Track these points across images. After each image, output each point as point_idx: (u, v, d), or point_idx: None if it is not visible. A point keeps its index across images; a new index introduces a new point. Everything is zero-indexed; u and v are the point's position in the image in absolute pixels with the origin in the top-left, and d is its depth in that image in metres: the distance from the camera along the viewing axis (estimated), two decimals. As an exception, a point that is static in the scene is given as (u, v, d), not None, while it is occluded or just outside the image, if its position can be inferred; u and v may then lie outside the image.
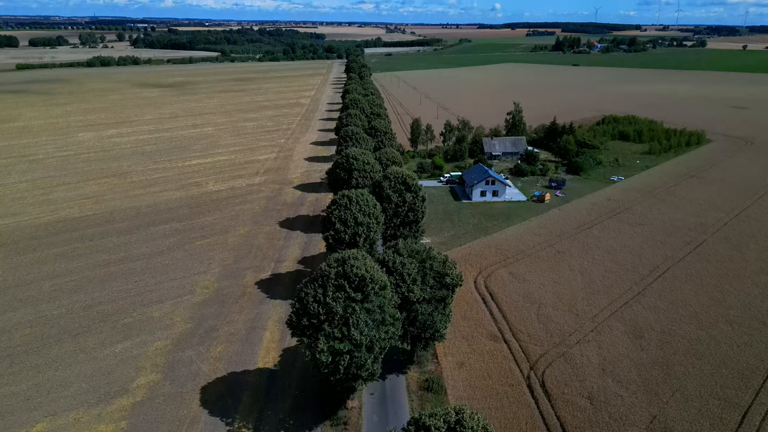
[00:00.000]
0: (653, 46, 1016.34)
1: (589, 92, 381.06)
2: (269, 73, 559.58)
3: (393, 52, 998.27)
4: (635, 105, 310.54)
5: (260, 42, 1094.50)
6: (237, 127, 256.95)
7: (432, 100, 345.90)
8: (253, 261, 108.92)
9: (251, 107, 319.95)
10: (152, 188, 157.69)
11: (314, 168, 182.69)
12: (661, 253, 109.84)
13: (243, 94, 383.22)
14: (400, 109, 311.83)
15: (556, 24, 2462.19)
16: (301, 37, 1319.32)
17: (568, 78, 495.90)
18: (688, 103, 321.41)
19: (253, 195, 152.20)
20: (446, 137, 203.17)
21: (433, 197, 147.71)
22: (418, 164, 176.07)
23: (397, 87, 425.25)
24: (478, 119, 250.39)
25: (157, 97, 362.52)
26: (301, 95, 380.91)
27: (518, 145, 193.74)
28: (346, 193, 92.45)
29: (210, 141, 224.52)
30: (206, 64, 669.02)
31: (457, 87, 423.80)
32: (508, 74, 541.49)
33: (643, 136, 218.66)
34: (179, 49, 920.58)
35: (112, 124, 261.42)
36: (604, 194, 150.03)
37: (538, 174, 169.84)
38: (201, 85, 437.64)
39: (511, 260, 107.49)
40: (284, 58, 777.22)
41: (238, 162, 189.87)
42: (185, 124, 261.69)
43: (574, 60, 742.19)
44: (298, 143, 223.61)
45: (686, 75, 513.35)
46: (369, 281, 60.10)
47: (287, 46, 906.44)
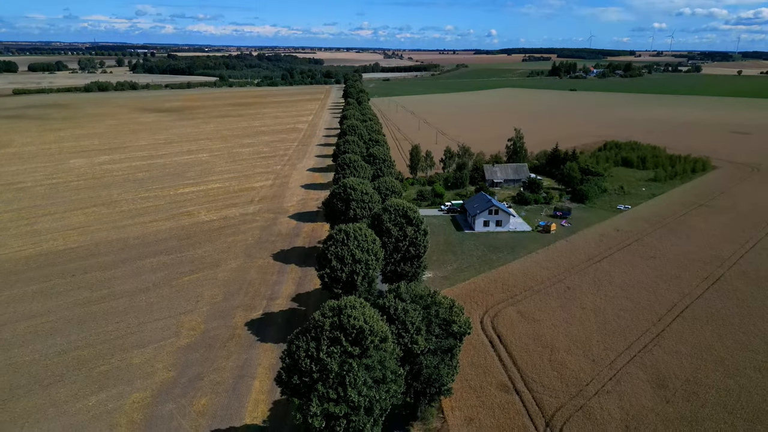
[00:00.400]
0: (649, 71, 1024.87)
1: (588, 117, 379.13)
2: (267, 98, 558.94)
3: (391, 77, 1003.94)
4: (635, 130, 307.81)
5: (259, 67, 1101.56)
6: (233, 153, 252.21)
7: (430, 125, 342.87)
8: (243, 298, 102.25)
9: (248, 132, 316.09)
10: (141, 218, 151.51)
11: (311, 196, 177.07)
12: (678, 290, 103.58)
13: (240, 119, 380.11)
14: (399, 135, 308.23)
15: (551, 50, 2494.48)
16: (299, 62, 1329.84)
17: (567, 103, 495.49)
18: (688, 129, 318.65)
19: (247, 225, 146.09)
20: (446, 164, 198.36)
21: (434, 227, 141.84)
22: (417, 192, 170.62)
23: (395, 112, 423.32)
24: (477, 145, 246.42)
25: (152, 122, 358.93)
26: (299, 120, 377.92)
27: (520, 172, 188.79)
28: (343, 227, 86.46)
29: (204, 167, 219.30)
30: (204, 89, 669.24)
31: (455, 112, 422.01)
32: (506, 99, 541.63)
33: (647, 163, 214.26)
34: (178, 74, 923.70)
35: (106, 150, 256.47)
36: (612, 224, 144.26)
37: (542, 202, 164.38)
38: (198, 110, 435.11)
39: (518, 297, 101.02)
40: (282, 83, 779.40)
41: (232, 190, 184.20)
42: (180, 150, 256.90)
43: (571, 85, 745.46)
44: (295, 170, 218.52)
45: (684, 100, 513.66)
46: (368, 333, 53.65)
47: (285, 72, 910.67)
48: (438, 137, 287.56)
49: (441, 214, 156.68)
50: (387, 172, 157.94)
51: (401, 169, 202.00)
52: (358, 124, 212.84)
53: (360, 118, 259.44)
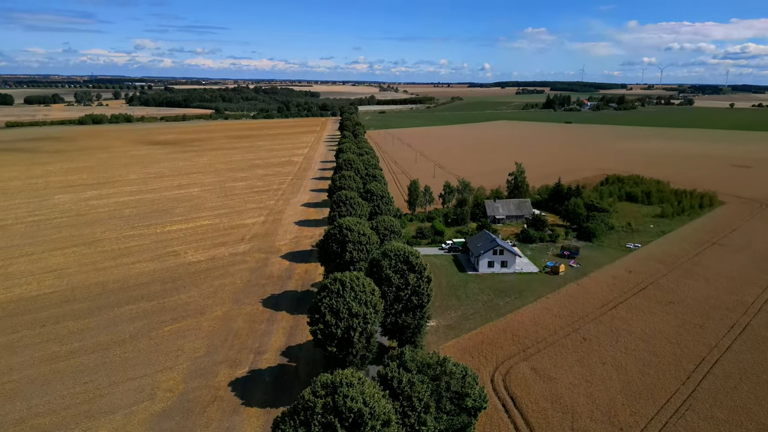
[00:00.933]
0: (642, 104, 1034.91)
1: (587, 150, 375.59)
2: (263, 130, 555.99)
3: (386, 109, 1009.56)
4: (636, 163, 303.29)
5: (255, 100, 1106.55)
6: (225, 187, 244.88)
7: (428, 158, 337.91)
8: (228, 352, 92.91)
9: (242, 166, 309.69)
10: (124, 259, 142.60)
11: (305, 233, 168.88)
12: (703, 341, 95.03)
13: (234, 152, 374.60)
14: (396, 168, 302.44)
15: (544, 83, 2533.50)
16: (296, 95, 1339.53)
17: (564, 136, 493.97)
18: (689, 162, 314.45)
19: (236, 266, 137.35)
20: (445, 199, 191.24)
21: (436, 267, 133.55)
22: (417, 229, 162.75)
23: (391, 144, 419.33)
24: (476, 179, 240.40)
25: (145, 155, 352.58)
26: (294, 153, 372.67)
27: (523, 208, 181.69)
28: (339, 276, 78.15)
29: (195, 203, 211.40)
30: (199, 122, 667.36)
31: (452, 145, 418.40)
32: (503, 132, 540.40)
33: (652, 198, 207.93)
34: (174, 107, 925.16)
35: (94, 184, 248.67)
36: (624, 265, 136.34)
37: (548, 240, 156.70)
38: (192, 143, 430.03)
39: (531, 350, 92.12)
40: (279, 115, 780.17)
41: (222, 227, 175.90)
42: (170, 185, 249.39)
43: (566, 117, 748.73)
44: (289, 205, 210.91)
45: (680, 133, 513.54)
46: (368, 418, 44.95)
47: (282, 104, 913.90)
48: (436, 171, 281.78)
49: (442, 253, 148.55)
50: (385, 209, 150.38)
51: (399, 205, 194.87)
52: (355, 158, 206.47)
53: (356, 152, 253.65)
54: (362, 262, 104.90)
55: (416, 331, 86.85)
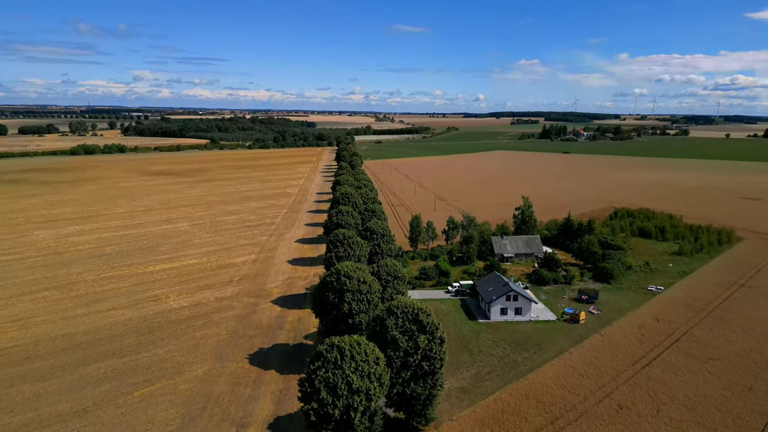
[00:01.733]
0: (638, 134, 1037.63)
1: (589, 181, 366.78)
2: (258, 160, 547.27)
3: (383, 139, 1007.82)
4: (640, 195, 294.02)
5: (252, 129, 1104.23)
6: (216, 221, 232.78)
7: (427, 189, 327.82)
8: (207, 424, 79.43)
9: (234, 198, 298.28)
10: (98, 305, 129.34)
11: (298, 274, 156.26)
12: (758, 408, 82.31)
13: (227, 183, 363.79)
14: (394, 200, 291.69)
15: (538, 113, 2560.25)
16: (292, 125, 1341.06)
17: (564, 166, 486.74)
18: (695, 194, 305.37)
19: (222, 313, 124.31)
20: (449, 235, 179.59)
21: (443, 314, 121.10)
22: (420, 269, 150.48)
23: (389, 175, 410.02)
24: (479, 212, 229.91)
25: (134, 186, 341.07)
26: (289, 184, 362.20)
27: (532, 246, 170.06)
28: (337, 342, 65.71)
29: (182, 239, 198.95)
30: (194, 152, 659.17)
31: (451, 176, 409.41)
32: (502, 162, 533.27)
33: (667, 233, 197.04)
34: (170, 137, 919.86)
35: (77, 219, 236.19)
36: (649, 312, 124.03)
37: (562, 282, 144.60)
38: (184, 174, 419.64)
39: (561, 422, 79.08)
40: (274, 145, 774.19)
41: (210, 267, 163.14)
42: (158, 219, 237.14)
43: (563, 147, 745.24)
44: (282, 241, 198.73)
45: (680, 163, 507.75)
46: None
47: (278, 134, 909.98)
48: (436, 203, 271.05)
49: (448, 296, 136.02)
50: (386, 248, 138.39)
51: (399, 241, 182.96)
52: (353, 192, 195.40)
53: (354, 184, 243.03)
54: (362, 314, 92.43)
55: (427, 402, 73.91)
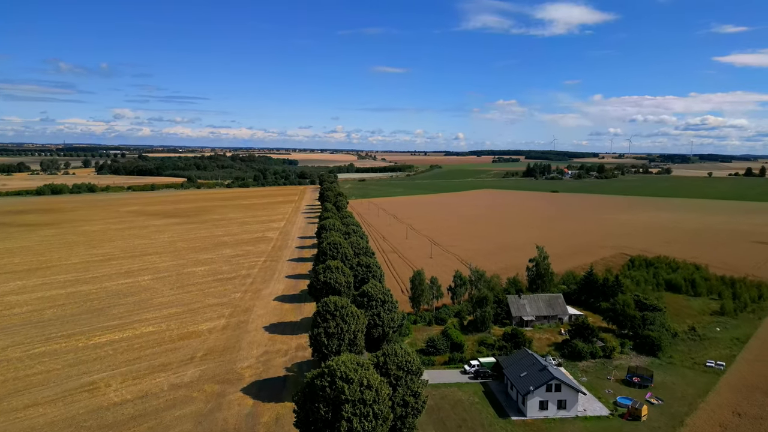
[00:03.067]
0: (621, 172, 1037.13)
1: (589, 223, 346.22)
2: (236, 200, 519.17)
3: (366, 177, 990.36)
4: (647, 239, 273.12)
5: (231, 168, 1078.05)
6: (183, 274, 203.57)
7: (419, 232, 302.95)
8: None
9: (207, 244, 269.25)
10: (15, 399, 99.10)
11: (277, 346, 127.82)
12: None
13: (201, 226, 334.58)
14: (385, 245, 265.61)
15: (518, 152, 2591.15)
16: (273, 162, 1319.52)
17: (557, 206, 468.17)
18: (704, 237, 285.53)
19: (176, 410, 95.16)
20: (456, 293, 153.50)
21: (463, 408, 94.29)
22: (427, 340, 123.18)
23: (376, 216, 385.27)
24: (480, 259, 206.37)
25: (97, 231, 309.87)
26: (269, 227, 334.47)
27: (555, 306, 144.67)
28: None
29: (141, 298, 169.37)
30: (169, 191, 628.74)
31: (442, 216, 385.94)
32: (492, 202, 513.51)
33: (698, 287, 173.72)
34: (146, 175, 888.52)
35: (22, 272, 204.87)
36: (722, 401, 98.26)
37: (600, 355, 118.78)
38: (155, 215, 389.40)
39: None
40: (255, 184, 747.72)
41: (168, 337, 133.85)
42: (117, 271, 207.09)
43: (550, 186, 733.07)
44: (259, 298, 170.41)
45: (674, 203, 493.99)
46: None
47: (258, 172, 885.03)
48: (432, 249, 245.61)
49: (466, 379, 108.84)
50: (387, 319, 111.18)
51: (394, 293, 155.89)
52: (341, 241, 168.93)
53: (341, 230, 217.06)
54: None
55: None
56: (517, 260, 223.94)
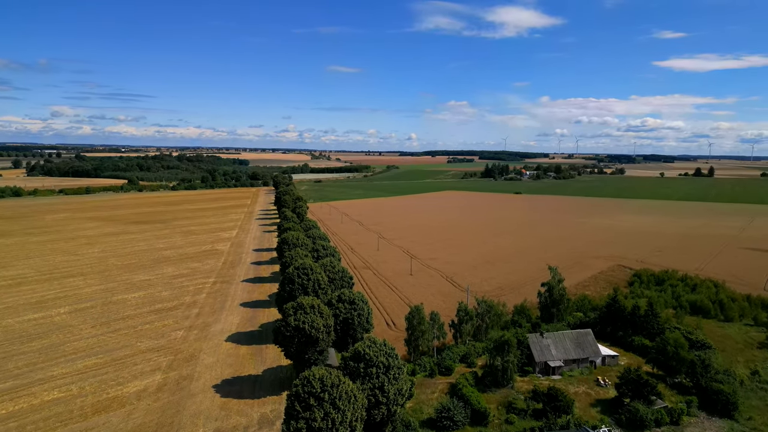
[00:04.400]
0: (578, 173, 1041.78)
1: (569, 228, 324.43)
2: (182, 205, 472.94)
3: (322, 178, 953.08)
4: (638, 247, 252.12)
5: (178, 168, 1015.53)
6: (112, 303, 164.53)
7: (390, 242, 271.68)
8: None
9: (145, 260, 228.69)
10: None
11: (233, 421, 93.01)
12: None
13: (140, 237, 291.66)
14: (355, 259, 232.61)
15: (472, 152, 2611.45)
16: (223, 162, 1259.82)
17: (526, 209, 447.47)
18: (692, 244, 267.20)
19: None
20: (460, 330, 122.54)
21: None
22: (438, 408, 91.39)
23: (339, 222, 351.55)
24: (467, 275, 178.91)
25: (12, 245, 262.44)
26: (219, 237, 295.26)
27: (585, 346, 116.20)
28: None
29: (50, 343, 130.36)
30: (107, 195, 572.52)
31: (411, 222, 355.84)
32: (459, 205, 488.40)
33: (729, 310, 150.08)
34: (82, 177, 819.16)
35: None
36: None
37: (666, 422, 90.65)
38: (87, 223, 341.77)
39: None
40: (202, 186, 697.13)
41: (79, 409, 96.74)
42: (26, 301, 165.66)
43: (511, 187, 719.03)
44: (207, 338, 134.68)
45: (643, 205, 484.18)
46: None
47: (207, 173, 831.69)
48: (412, 263, 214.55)
49: (501, 470, 78.42)
50: (394, 393, 78.40)
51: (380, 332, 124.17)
52: (312, 265, 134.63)
53: (307, 245, 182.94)
54: None
55: None
56: (510, 276, 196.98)
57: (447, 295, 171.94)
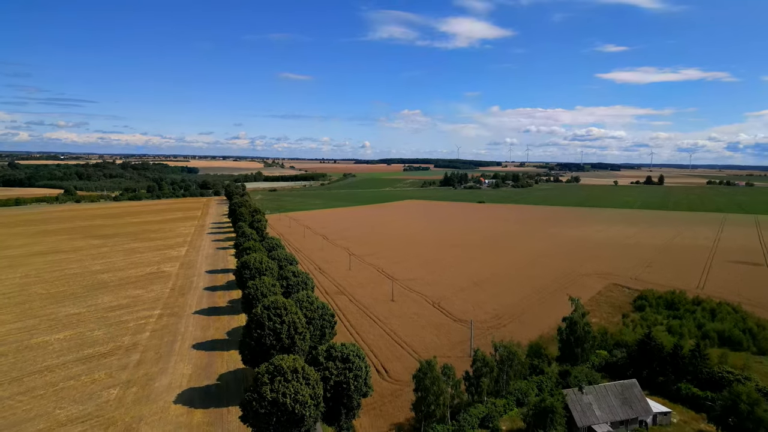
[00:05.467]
0: (535, 181, 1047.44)
1: (544, 241, 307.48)
2: (124, 217, 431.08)
3: (277, 186, 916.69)
4: (622, 261, 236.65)
5: (121, 177, 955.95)
6: (28, 349, 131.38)
7: (361, 259, 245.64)
8: None
9: (76, 287, 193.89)
10: None
11: None
12: None
13: (73, 256, 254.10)
14: (326, 282, 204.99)
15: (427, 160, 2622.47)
16: (171, 171, 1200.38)
17: (496, 220, 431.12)
18: (678, 258, 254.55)
19: None
20: (478, 387, 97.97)
21: None
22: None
23: (302, 237, 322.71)
24: (456, 301, 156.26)
25: None
26: (167, 255, 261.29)
27: (633, 402, 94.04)
28: None
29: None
30: (39, 206, 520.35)
31: (379, 235, 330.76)
32: (425, 215, 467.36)
33: (761, 341, 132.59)
34: (13, 187, 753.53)
35: None
36: None
37: None
38: (12, 240, 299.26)
39: None
40: (148, 196, 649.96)
41: None
42: None
43: (473, 196, 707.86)
44: (150, 401, 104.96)
45: (610, 215, 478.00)
46: None
47: (153, 182, 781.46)
48: (393, 288, 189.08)
49: None
50: None
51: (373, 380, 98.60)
52: (287, 303, 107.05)
53: (272, 270, 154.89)
54: None
55: None
56: (503, 300, 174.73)
57: (439, 327, 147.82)
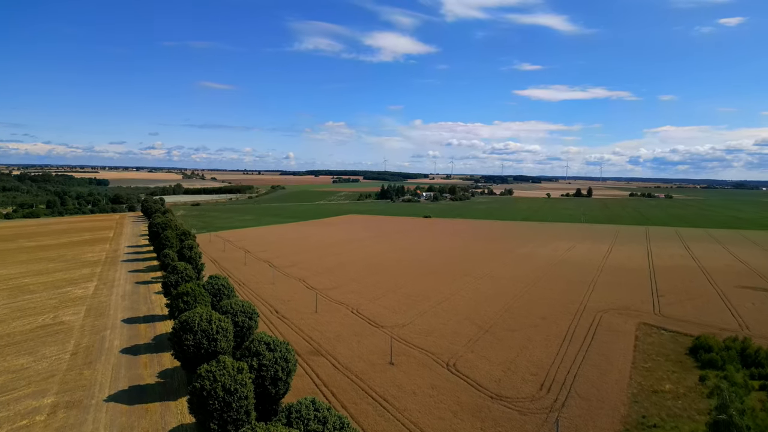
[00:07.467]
0: (472, 194, 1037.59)
1: (523, 266, 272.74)
2: (16, 240, 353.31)
3: (200, 200, 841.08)
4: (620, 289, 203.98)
5: (17, 191, 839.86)
6: None
7: (326, 296, 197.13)
8: None
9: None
10: None
11: None
12: None
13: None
14: (290, 333, 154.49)
15: (355, 172, 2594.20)
16: (77, 183, 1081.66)
17: (452, 237, 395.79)
18: (684, 284, 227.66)
19: None
20: None
21: None
22: None
23: (242, 263, 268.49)
24: (468, 356, 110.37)
25: None
26: (68, 297, 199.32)
27: None
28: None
29: None
30: None
31: (331, 259, 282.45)
32: (375, 233, 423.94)
33: None
34: None
35: None
36: None
37: None
38: None
39: None
40: (48, 212, 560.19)
41: None
42: None
43: (414, 210, 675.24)
44: None
45: (562, 229, 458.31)
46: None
47: (55, 195, 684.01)
48: (377, 336, 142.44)
49: None
50: None
51: None
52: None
53: (230, 338, 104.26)
54: None
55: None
56: (530, 356, 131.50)
57: (477, 414, 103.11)
